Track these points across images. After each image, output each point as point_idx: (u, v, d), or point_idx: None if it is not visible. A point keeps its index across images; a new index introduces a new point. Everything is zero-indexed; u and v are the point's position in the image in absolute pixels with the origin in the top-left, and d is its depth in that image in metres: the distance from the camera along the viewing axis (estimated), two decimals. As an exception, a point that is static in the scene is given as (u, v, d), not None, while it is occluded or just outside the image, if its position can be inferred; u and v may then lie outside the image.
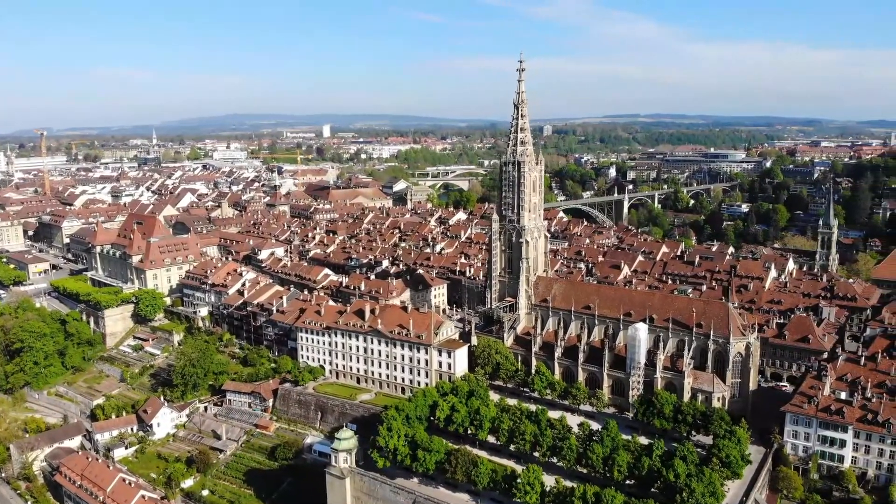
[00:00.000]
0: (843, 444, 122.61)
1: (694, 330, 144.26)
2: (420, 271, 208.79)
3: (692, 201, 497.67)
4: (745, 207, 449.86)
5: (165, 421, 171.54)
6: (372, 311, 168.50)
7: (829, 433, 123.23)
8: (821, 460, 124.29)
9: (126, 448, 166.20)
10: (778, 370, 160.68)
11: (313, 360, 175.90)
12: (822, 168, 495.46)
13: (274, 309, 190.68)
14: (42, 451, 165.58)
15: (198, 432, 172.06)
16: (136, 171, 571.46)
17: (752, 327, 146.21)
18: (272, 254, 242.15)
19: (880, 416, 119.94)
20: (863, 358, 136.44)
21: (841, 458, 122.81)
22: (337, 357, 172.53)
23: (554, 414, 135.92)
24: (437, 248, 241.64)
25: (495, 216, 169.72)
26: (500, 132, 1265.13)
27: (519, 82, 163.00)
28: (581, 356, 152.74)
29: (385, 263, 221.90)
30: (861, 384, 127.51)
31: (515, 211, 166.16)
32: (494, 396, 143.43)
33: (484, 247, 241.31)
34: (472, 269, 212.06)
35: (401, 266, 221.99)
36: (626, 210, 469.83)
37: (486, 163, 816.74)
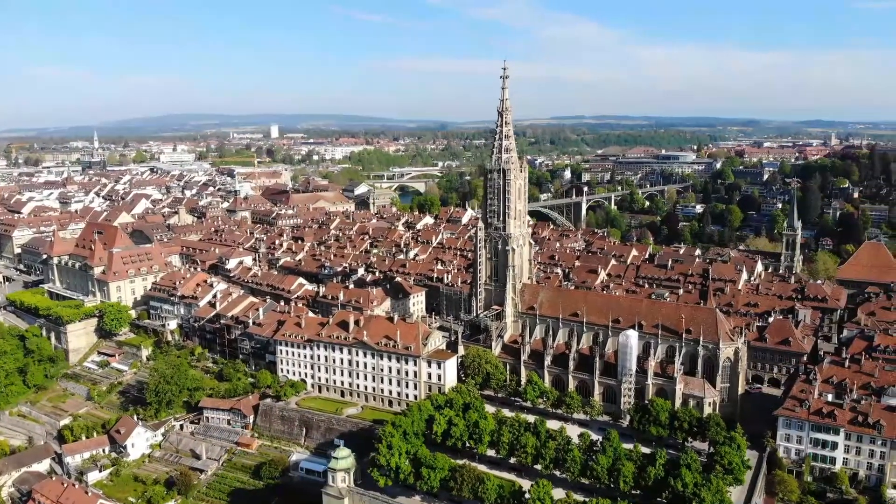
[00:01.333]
0: (834, 446, 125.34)
1: (683, 336, 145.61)
2: (398, 279, 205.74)
3: (647, 203, 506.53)
4: (699, 208, 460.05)
5: (140, 441, 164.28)
6: (356, 323, 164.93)
7: (822, 436, 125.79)
8: (813, 462, 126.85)
9: (100, 471, 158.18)
10: (759, 373, 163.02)
11: (294, 373, 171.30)
12: (771, 169, 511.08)
13: (250, 321, 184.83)
14: (10, 476, 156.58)
15: (175, 452, 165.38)
16: (81, 175, 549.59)
17: (739, 332, 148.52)
18: (241, 263, 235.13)
19: (870, 417, 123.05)
20: (847, 360, 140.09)
21: (833, 460, 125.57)
22: (320, 370, 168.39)
23: (547, 423, 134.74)
24: (411, 254, 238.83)
25: (480, 224, 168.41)
26: (452, 133, 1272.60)
27: (503, 90, 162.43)
28: (571, 364, 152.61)
29: (361, 271, 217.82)
30: (847, 386, 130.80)
31: (501, 219, 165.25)
32: (489, 408, 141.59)
33: (458, 252, 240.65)
34: (450, 276, 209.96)
35: (376, 274, 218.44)
36: (584, 212, 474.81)
37: (441, 164, 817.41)
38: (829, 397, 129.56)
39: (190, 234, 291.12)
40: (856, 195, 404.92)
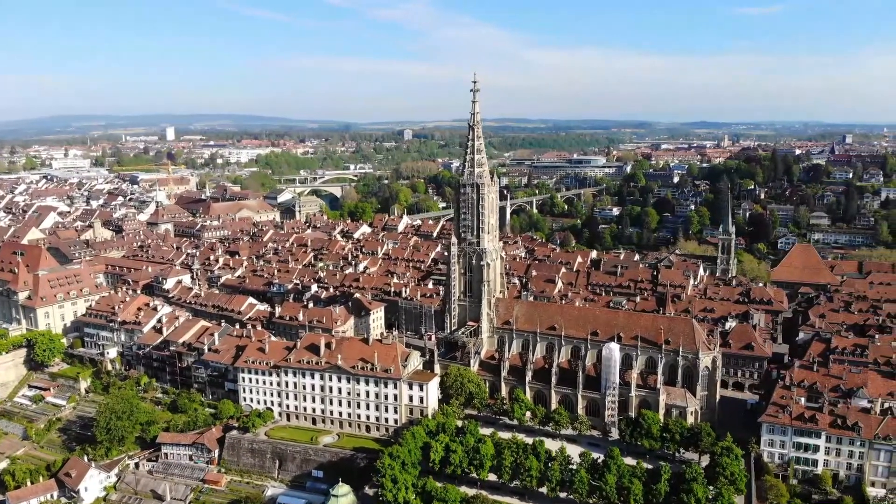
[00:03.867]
0: (816, 449, 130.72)
1: (663, 347, 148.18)
2: (357, 295, 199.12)
3: (566, 206, 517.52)
4: (615, 211, 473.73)
5: (93, 484, 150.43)
6: (328, 346, 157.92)
7: (804, 440, 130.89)
8: (796, 466, 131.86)
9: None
10: (724, 377, 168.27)
11: (258, 402, 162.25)
12: (680, 172, 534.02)
13: (205, 348, 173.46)
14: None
15: (133, 494, 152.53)
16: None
17: (714, 340, 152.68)
18: (179, 282, 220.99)
19: (849, 420, 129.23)
20: (815, 364, 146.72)
21: (815, 463, 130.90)
22: (288, 398, 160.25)
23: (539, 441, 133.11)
24: (360, 267, 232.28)
25: (454, 239, 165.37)
26: (359, 135, 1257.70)
27: (473, 103, 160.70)
28: (554, 378, 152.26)
29: (314, 288, 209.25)
30: (819, 389, 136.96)
31: (475, 234, 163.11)
32: (481, 431, 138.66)
33: (409, 263, 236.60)
34: (408, 290, 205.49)
35: (330, 290, 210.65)
36: (508, 216, 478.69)
37: (354, 167, 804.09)
38: (802, 401, 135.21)
39: (111, 251, 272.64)
40: (762, 196, 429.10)
